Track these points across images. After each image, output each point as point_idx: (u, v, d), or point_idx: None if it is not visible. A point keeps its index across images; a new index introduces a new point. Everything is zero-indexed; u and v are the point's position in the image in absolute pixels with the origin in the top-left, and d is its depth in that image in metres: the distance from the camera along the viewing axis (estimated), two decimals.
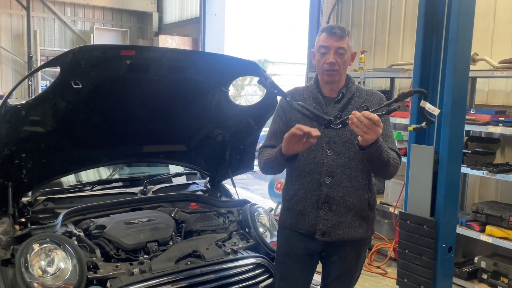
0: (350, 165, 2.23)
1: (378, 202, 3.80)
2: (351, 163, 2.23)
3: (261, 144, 2.46)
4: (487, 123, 3.96)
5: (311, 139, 2.01)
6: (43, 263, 2.31)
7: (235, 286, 2.59)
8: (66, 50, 2.41)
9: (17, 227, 2.67)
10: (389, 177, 2.27)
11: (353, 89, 2.30)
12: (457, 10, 3.07)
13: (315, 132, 1.99)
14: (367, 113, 1.91)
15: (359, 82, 4.97)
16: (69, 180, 3.40)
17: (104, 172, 3.64)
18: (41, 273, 2.28)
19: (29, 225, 2.73)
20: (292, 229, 2.35)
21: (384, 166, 2.14)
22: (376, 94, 2.32)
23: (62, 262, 2.32)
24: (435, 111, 2.00)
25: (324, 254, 2.36)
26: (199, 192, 3.54)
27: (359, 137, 1.97)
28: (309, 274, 2.43)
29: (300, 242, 2.33)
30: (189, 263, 2.55)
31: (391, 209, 4.82)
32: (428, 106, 1.97)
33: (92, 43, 9.73)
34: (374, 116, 1.91)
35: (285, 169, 2.38)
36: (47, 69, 9.11)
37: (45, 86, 9.26)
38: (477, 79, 4.49)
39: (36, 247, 2.33)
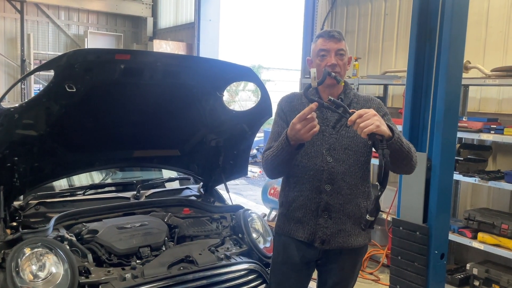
0: (350, 173, 2.22)
1: None
2: (351, 170, 2.22)
3: (255, 149, 2.44)
4: (479, 131, 3.99)
5: (314, 124, 1.96)
6: (34, 267, 2.28)
7: None
8: (60, 54, 2.41)
9: (8, 231, 2.64)
10: (412, 169, 2.17)
11: (351, 96, 2.31)
12: (450, 18, 3.11)
13: (310, 109, 1.95)
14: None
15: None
16: (61, 184, 3.38)
17: (97, 177, 3.62)
18: (32, 277, 2.25)
19: (20, 229, 2.71)
20: (289, 236, 2.32)
21: (408, 157, 2.07)
22: (374, 100, 2.32)
23: (54, 267, 2.30)
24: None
25: (321, 262, 2.35)
26: (192, 197, 3.53)
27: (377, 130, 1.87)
28: (305, 282, 2.42)
29: (297, 250, 2.31)
30: (181, 268, 2.54)
31: (384, 216, 4.84)
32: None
33: (86, 47, 9.71)
34: (357, 112, 1.89)
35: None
36: (41, 72, 9.09)
37: (38, 89, 9.22)
38: (470, 87, 4.53)
39: (27, 251, 2.31)
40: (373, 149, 2.26)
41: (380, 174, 1.89)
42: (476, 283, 4.07)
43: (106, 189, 3.45)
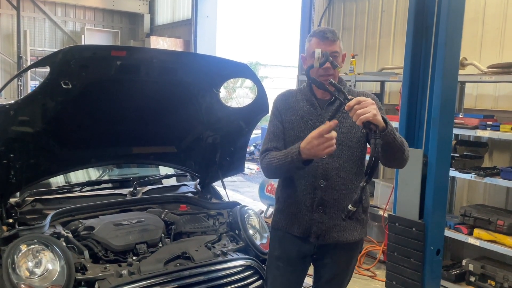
0: (344, 168, 2.23)
1: None
2: (345, 165, 2.23)
3: (252, 146, 2.44)
4: (475, 127, 4.00)
5: (332, 143, 1.95)
6: (30, 264, 2.28)
7: None
8: (56, 50, 2.40)
9: (4, 228, 2.64)
10: (404, 163, 2.18)
11: (345, 91, 2.31)
12: (446, 15, 3.11)
13: (328, 127, 1.93)
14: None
15: (349, 85, 5.00)
16: (57, 181, 3.37)
17: (93, 173, 3.62)
18: (28, 274, 2.25)
19: (16, 226, 2.70)
20: (285, 231, 2.34)
21: (400, 150, 2.08)
22: (368, 95, 2.32)
23: (50, 263, 2.30)
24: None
25: (317, 257, 2.36)
26: (189, 194, 3.53)
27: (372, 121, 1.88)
28: (301, 276, 2.43)
29: (293, 245, 2.33)
30: (178, 264, 2.55)
31: (381, 212, 4.85)
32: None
33: (82, 44, 9.68)
34: (356, 99, 1.90)
35: None
36: (37, 69, 9.05)
37: (35, 86, 9.19)
38: (466, 84, 4.54)
39: (23, 248, 2.31)
40: (368, 145, 2.27)
41: (370, 163, 1.89)
42: (472, 279, 4.09)
43: (103, 185, 3.45)
